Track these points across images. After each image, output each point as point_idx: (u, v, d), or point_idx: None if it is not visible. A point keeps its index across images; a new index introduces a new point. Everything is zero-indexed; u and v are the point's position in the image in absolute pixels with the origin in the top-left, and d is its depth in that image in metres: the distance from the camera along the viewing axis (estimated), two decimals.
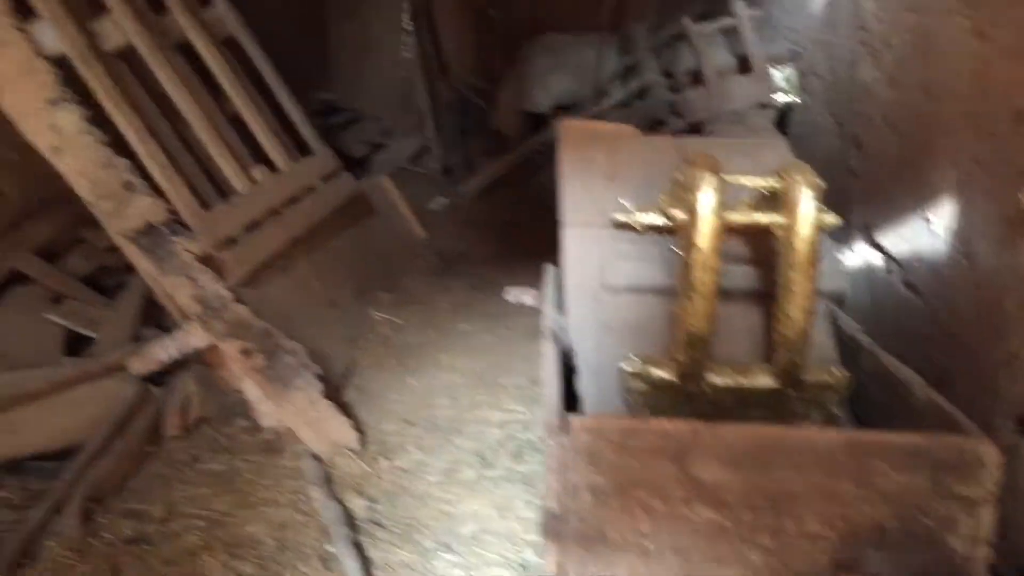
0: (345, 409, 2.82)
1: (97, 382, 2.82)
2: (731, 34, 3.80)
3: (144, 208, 2.66)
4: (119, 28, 3.07)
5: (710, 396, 1.81)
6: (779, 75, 3.35)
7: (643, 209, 1.99)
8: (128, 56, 3.14)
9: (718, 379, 1.81)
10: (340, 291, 3.54)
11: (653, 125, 5.10)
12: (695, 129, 3.54)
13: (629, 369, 1.85)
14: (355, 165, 5.87)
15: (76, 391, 2.76)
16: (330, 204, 3.71)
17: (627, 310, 1.98)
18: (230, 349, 2.64)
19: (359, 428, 2.73)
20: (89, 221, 3.36)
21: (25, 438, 2.59)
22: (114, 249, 3.36)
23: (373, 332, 3.51)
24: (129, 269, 3.35)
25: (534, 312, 3.66)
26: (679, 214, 1.74)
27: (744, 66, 3.47)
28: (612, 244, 2.03)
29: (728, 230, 1.73)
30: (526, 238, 4.78)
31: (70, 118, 2.66)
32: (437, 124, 6.50)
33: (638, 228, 1.99)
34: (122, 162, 2.70)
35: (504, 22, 6.66)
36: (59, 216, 3.47)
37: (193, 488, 2.52)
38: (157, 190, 2.81)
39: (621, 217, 1.99)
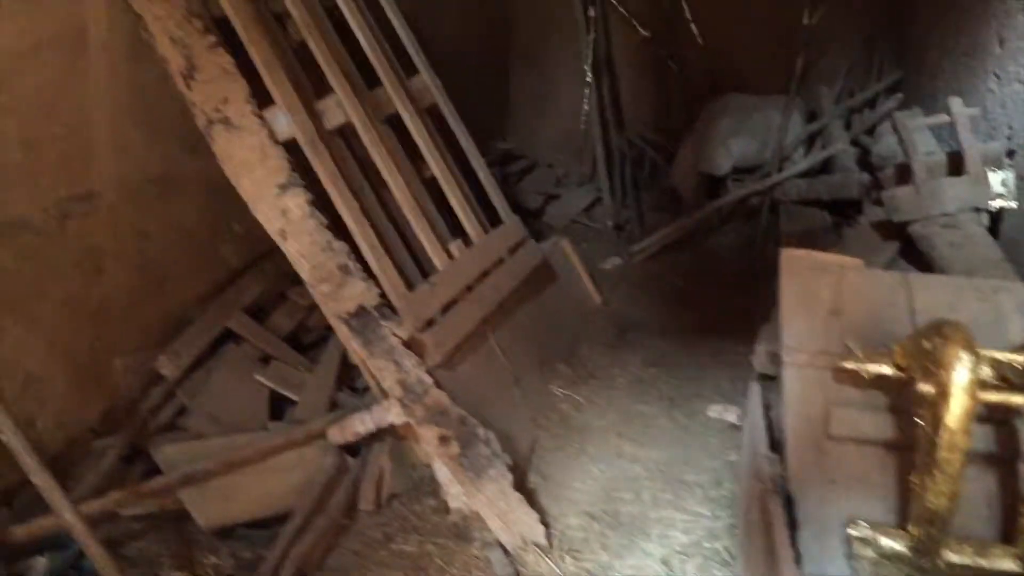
0: (530, 497, 2.84)
1: (300, 449, 2.93)
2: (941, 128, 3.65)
3: (358, 292, 2.77)
4: (340, 107, 3.22)
5: (944, 573, 1.73)
6: (995, 178, 3.19)
7: (872, 357, 1.93)
8: (345, 133, 3.29)
9: (955, 557, 1.74)
10: (523, 366, 3.58)
11: (843, 206, 4.96)
12: (899, 228, 3.41)
13: (857, 534, 1.80)
14: (529, 216, 5.96)
15: (281, 457, 2.88)
16: (518, 276, 3.76)
17: (853, 463, 1.93)
18: (428, 435, 2.71)
19: (545, 521, 2.75)
20: (291, 278, 3.55)
21: (238, 505, 2.73)
22: (314, 307, 3.52)
23: (554, 410, 3.54)
24: (328, 328, 3.50)
25: (711, 399, 3.62)
26: (925, 387, 1.68)
27: (955, 164, 3.32)
28: (837, 388, 1.98)
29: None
30: (700, 308, 4.73)
31: (297, 202, 2.80)
32: (611, 177, 6.51)
33: (866, 376, 1.93)
34: (340, 246, 2.82)
35: (683, 75, 6.61)
36: (265, 274, 3.66)
37: (388, 571, 2.60)
38: (368, 271, 2.91)
39: (848, 364, 1.93)
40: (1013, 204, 3.25)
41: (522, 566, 2.62)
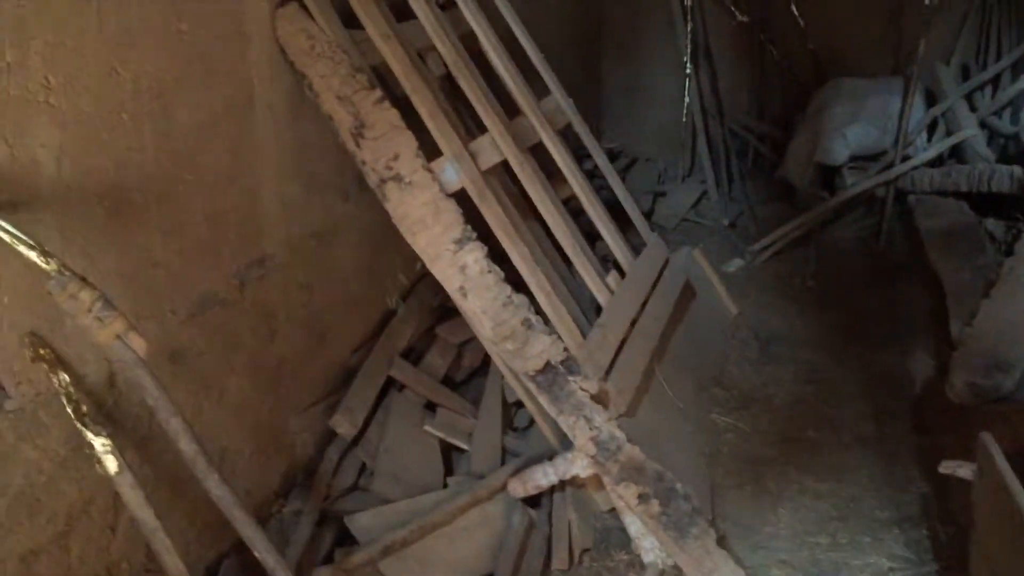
0: (723, 544, 2.76)
1: (483, 506, 2.88)
2: None
3: (543, 348, 2.69)
4: (495, 146, 3.13)
5: None
6: None
7: None
8: (494, 171, 3.20)
9: None
10: (685, 395, 3.49)
11: (988, 199, 4.75)
12: None
13: None
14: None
15: (467, 516, 2.83)
16: (670, 301, 3.66)
17: None
18: (626, 493, 2.63)
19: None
20: (437, 313, 3.49)
21: (435, 571, 2.68)
22: (465, 343, 3.46)
23: (721, 441, 3.44)
24: (484, 362, 3.44)
25: (875, 420, 3.48)
26: None
27: None
28: None
29: None
30: (837, 312, 4.58)
31: (475, 256, 2.72)
32: (715, 169, 6.34)
33: None
34: (520, 299, 2.73)
35: (783, 60, 6.40)
36: (412, 313, 3.60)
37: None
38: (545, 321, 2.82)
39: None
40: None
41: None
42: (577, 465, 2.83)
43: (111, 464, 1.95)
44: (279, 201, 2.85)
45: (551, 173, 3.51)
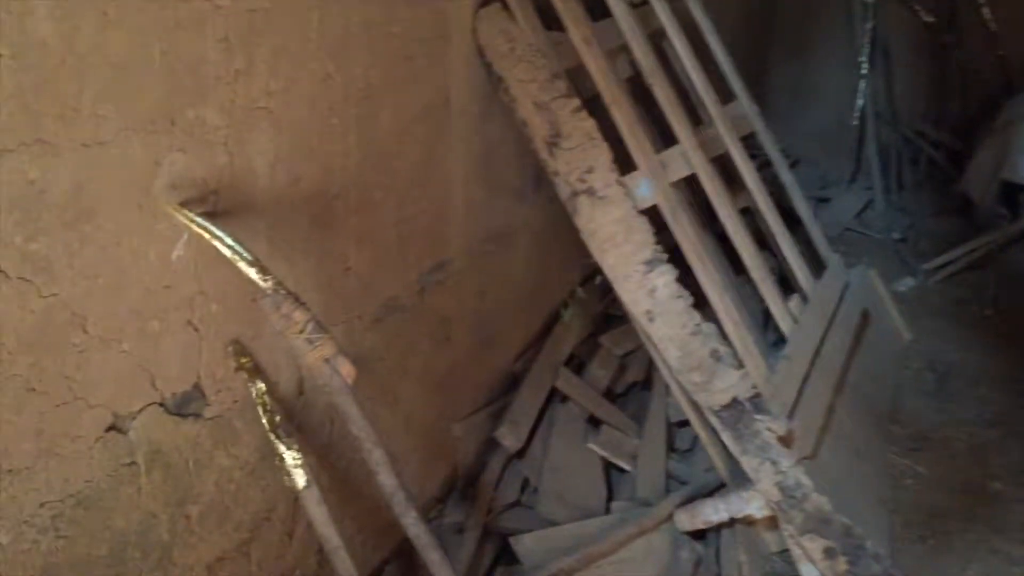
0: None
1: (648, 537, 2.76)
2: None
3: (731, 383, 2.54)
4: (684, 158, 2.97)
5: None
6: None
7: None
8: (680, 187, 3.04)
9: None
10: (861, 432, 3.27)
11: None
12: None
13: None
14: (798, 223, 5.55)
15: (632, 546, 2.71)
16: (851, 329, 3.44)
17: None
18: (811, 546, 2.47)
19: None
20: (602, 322, 3.37)
21: None
22: (628, 355, 3.33)
23: (899, 487, 3.22)
24: (647, 378, 3.31)
25: None
26: None
27: None
28: None
29: None
30: (1019, 344, 4.23)
31: (665, 280, 2.58)
32: (884, 176, 5.99)
33: None
34: (709, 328, 2.58)
35: (969, 65, 5.98)
36: (577, 319, 3.49)
37: None
38: (732, 353, 2.67)
39: None
40: None
41: None
42: (752, 506, 2.69)
43: (300, 478, 1.91)
44: (464, 205, 2.78)
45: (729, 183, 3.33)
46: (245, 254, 1.66)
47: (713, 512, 2.74)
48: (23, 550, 1.46)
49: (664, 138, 3.15)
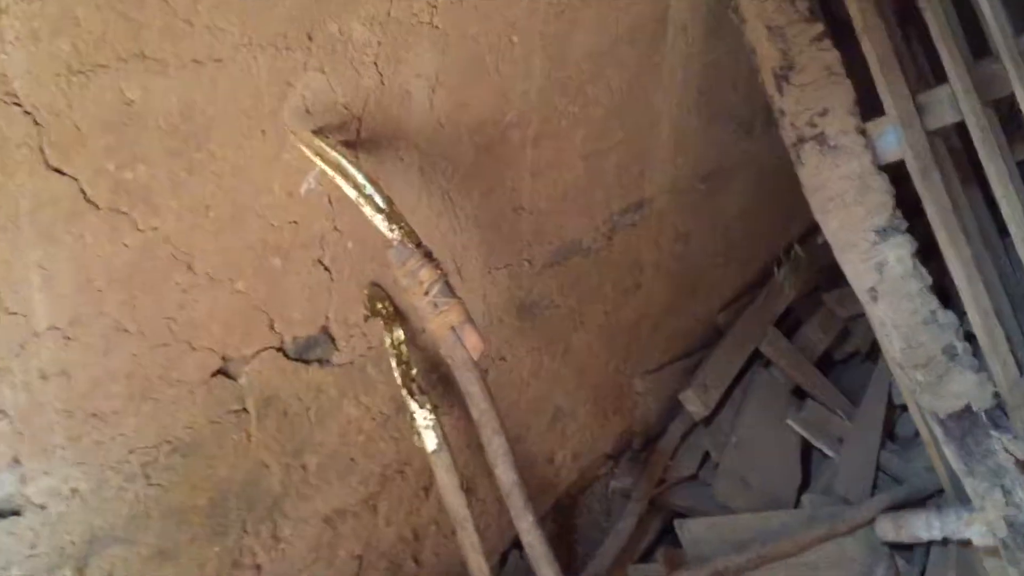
0: None
1: (840, 541, 2.39)
2: None
3: (966, 388, 2.08)
4: (951, 103, 2.42)
5: None
6: None
7: None
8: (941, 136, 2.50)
9: None
10: None
11: None
12: None
13: None
14: None
15: (820, 550, 2.36)
16: None
17: None
18: None
19: None
20: (826, 275, 2.93)
21: None
22: (856, 316, 2.89)
23: None
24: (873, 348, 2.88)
25: None
26: None
27: None
28: None
29: None
30: None
31: (899, 254, 2.13)
32: None
33: None
34: (948, 319, 2.12)
35: None
36: (798, 273, 3.07)
37: None
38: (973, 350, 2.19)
39: None
40: None
41: None
42: (972, 531, 2.24)
43: (431, 440, 1.73)
44: (672, 138, 2.43)
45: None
46: (377, 197, 1.44)
47: (924, 528, 2.33)
48: (106, 497, 1.37)
49: (925, 79, 2.60)
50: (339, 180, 1.42)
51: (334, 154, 1.45)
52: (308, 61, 1.44)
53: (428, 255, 1.47)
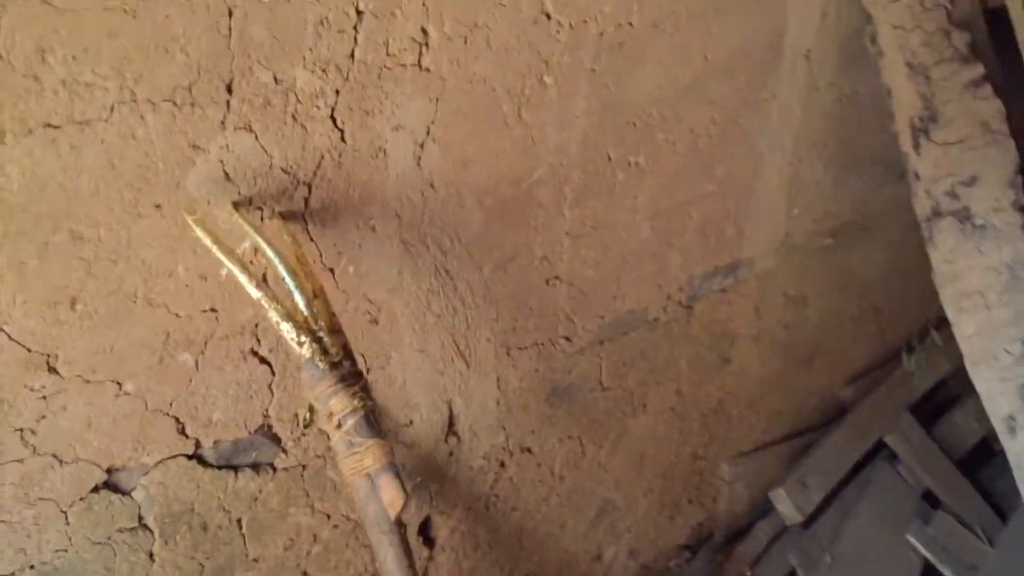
0: None
1: None
2: None
3: None
4: None
5: None
6: None
7: None
8: None
9: None
10: None
11: None
12: None
13: None
14: None
15: None
16: None
17: None
18: None
19: None
20: None
21: None
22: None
23: None
24: None
25: None
26: None
27: None
28: None
29: None
30: None
31: None
32: None
33: None
34: None
35: None
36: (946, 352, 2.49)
37: None
38: None
39: None
40: None
41: None
42: None
43: None
44: (784, 185, 1.97)
45: None
46: (296, 293, 1.11)
47: None
48: None
49: None
50: (240, 277, 1.10)
51: (251, 233, 1.14)
52: (227, 118, 1.13)
53: (347, 378, 1.13)
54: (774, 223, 1.99)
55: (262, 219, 1.23)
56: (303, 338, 1.11)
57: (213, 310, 1.24)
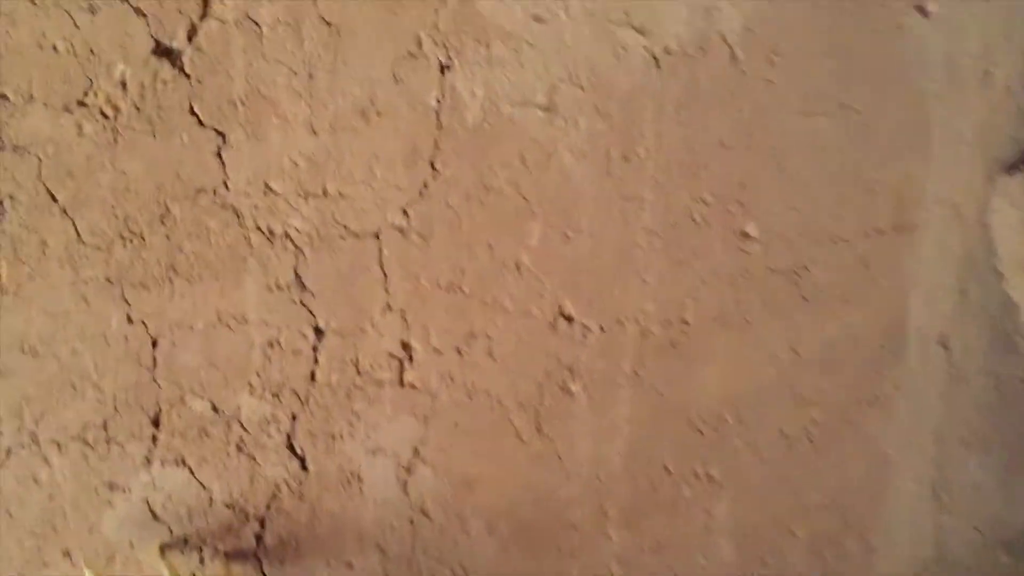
0: None
1: None
2: None
3: None
4: None
5: None
6: None
7: None
8: None
9: None
10: None
11: None
12: None
13: None
14: None
15: None
16: None
17: None
18: None
19: None
20: None
21: None
22: None
23: None
24: None
25: None
26: None
27: None
28: None
29: None
30: None
31: None
32: None
33: None
34: None
35: None
36: None
37: None
38: None
39: None
40: None
41: None
42: None
43: None
44: (926, 491, 1.58)
45: None
46: None
47: None
48: None
49: None
50: None
51: None
52: (152, 453, 1.00)
53: None
54: (918, 536, 1.60)
55: (201, 561, 1.07)
56: None
57: None
